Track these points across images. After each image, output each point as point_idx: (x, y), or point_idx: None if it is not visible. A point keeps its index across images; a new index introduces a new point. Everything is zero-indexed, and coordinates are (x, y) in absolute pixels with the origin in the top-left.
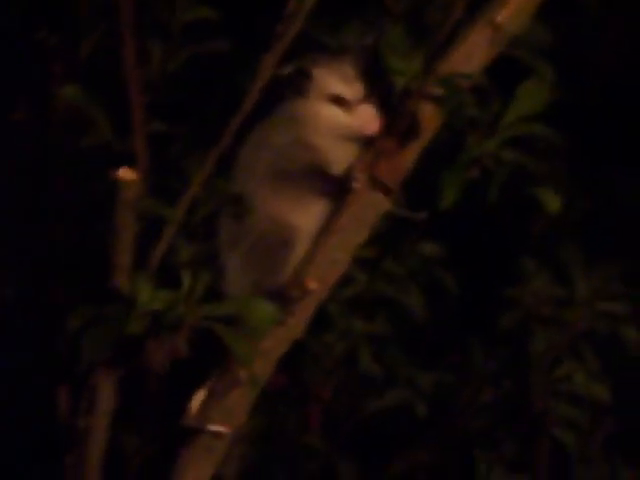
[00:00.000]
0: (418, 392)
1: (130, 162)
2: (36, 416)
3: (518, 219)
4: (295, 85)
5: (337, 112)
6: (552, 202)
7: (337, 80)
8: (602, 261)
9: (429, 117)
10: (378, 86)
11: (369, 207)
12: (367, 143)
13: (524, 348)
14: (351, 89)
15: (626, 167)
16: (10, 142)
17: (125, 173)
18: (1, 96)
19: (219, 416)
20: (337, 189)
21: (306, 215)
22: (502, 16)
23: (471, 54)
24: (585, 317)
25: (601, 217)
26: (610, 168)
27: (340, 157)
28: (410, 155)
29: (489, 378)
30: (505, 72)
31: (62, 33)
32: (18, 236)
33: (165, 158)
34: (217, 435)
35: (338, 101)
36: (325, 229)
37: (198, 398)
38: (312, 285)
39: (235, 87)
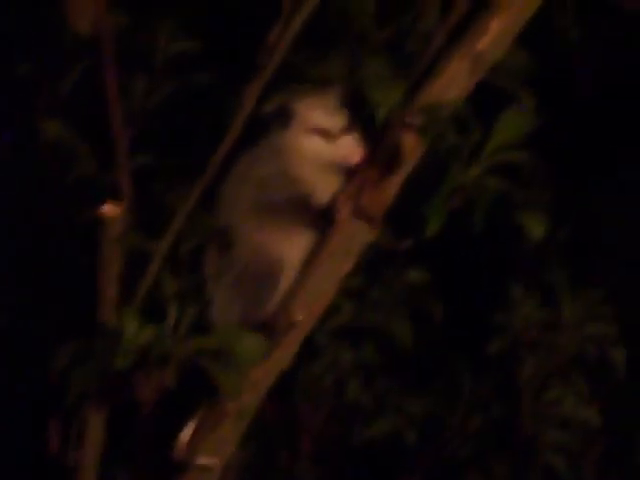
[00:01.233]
0: (407, 420)
1: (115, 196)
2: (26, 451)
3: (504, 245)
4: (278, 119)
5: (320, 143)
6: (536, 228)
7: (319, 112)
8: (588, 284)
9: (411, 147)
10: (360, 117)
11: (354, 237)
12: (350, 174)
13: (513, 373)
14: (333, 120)
15: (610, 191)
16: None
17: (110, 209)
18: None
19: (208, 449)
20: (321, 220)
21: (291, 246)
22: (482, 44)
23: (452, 83)
24: (573, 340)
25: (586, 240)
26: (594, 192)
27: (324, 188)
28: (393, 185)
29: (478, 404)
30: (486, 100)
31: (44, 67)
32: (3, 270)
33: (149, 191)
34: (206, 468)
35: (321, 132)
36: (310, 260)
37: (187, 431)
38: (299, 316)
39: (219, 119)
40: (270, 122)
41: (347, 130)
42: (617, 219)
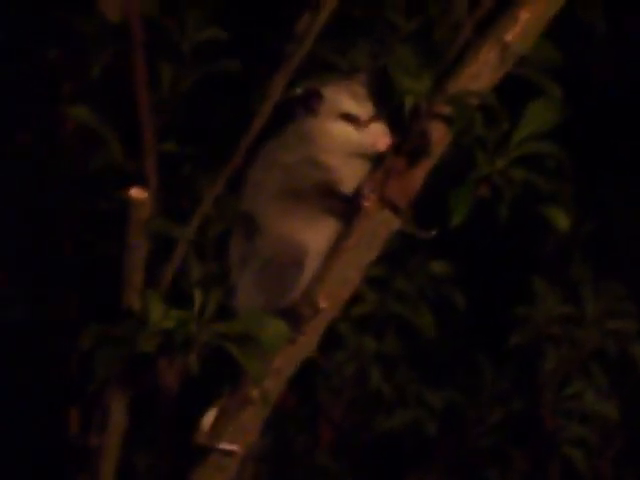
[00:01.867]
0: (428, 411)
1: (141, 182)
2: (48, 436)
3: (528, 237)
4: (306, 104)
5: (348, 129)
6: (561, 220)
7: (348, 98)
8: (611, 280)
9: (439, 136)
10: (388, 106)
11: (379, 226)
12: (377, 162)
13: (534, 367)
14: (362, 107)
15: (635, 186)
16: (21, 163)
17: (136, 193)
18: (11, 116)
19: (230, 434)
20: (347, 208)
21: (316, 234)
22: (511, 35)
23: (480, 73)
24: (594, 336)
25: (610, 236)
26: (620, 186)
27: (350, 176)
28: (420, 174)
29: (499, 397)
30: (514, 91)
31: (72, 53)
32: (30, 255)
33: (176, 178)
34: (228, 453)
35: (349, 119)
36: (336, 248)
37: (209, 416)
38: (323, 303)
39: (246, 107)
40: (298, 108)
41: (375, 118)
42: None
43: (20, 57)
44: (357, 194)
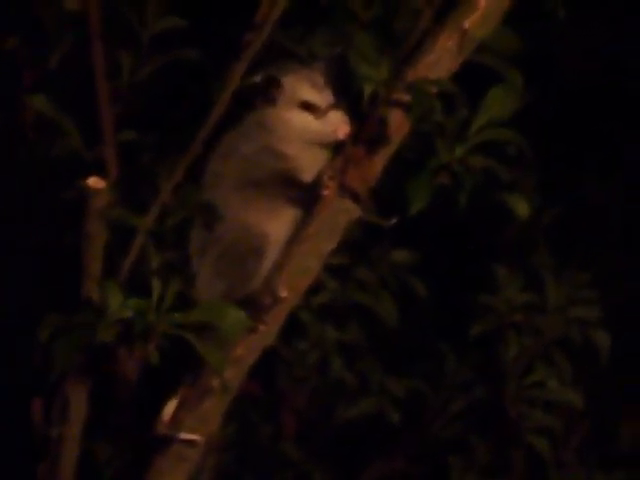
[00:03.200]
0: (391, 399)
1: (100, 171)
2: (11, 428)
3: (489, 226)
4: (264, 93)
5: (307, 118)
6: (521, 208)
7: (307, 87)
8: (573, 267)
9: (398, 123)
10: (347, 94)
11: (339, 214)
12: (337, 150)
13: (497, 355)
14: (321, 95)
15: (596, 173)
16: None
17: (94, 182)
18: None
19: (191, 424)
20: (307, 197)
21: (276, 223)
22: (470, 22)
23: (439, 60)
24: (557, 323)
25: (571, 224)
26: (580, 174)
27: (310, 164)
28: (379, 162)
29: (462, 385)
30: (473, 78)
31: (32, 43)
32: None
33: (135, 167)
34: (190, 443)
35: (308, 108)
36: (296, 237)
37: (170, 406)
38: (283, 293)
39: (205, 96)
40: (256, 96)
41: (334, 106)
42: (603, 202)
43: None
44: (317, 183)
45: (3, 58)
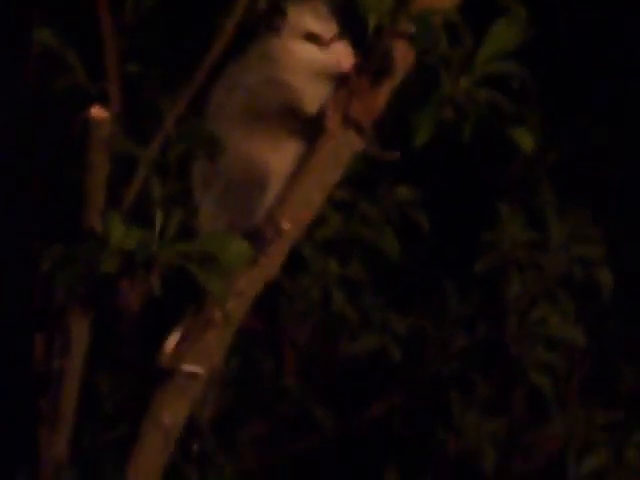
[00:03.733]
0: (393, 336)
1: (103, 101)
2: (11, 361)
3: (493, 163)
4: (269, 22)
5: (311, 49)
6: (526, 142)
7: (311, 17)
8: (577, 205)
9: (402, 55)
10: (351, 25)
11: (343, 146)
12: (340, 82)
13: (499, 292)
14: (325, 26)
15: (600, 112)
16: None
17: (97, 111)
18: None
19: (194, 357)
20: (311, 128)
21: (279, 155)
22: None
23: None
24: (560, 261)
25: (575, 162)
26: (584, 113)
27: (314, 96)
28: (383, 94)
29: (464, 322)
30: (478, 10)
31: None
32: None
33: (138, 99)
34: (192, 375)
35: (312, 38)
36: (299, 169)
37: (172, 339)
38: (286, 225)
39: (209, 26)
40: (260, 26)
41: (338, 37)
42: (607, 141)
43: None
44: (320, 114)
45: None
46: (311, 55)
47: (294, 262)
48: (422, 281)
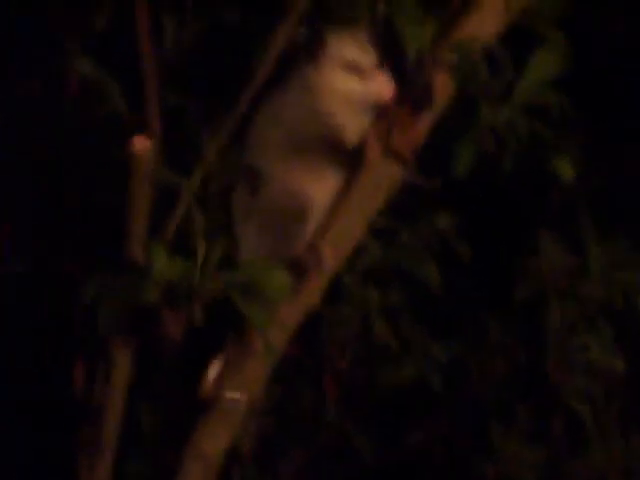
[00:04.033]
0: (433, 364)
1: (145, 132)
2: (52, 390)
3: (533, 190)
4: (309, 52)
5: (352, 79)
6: (566, 171)
7: (351, 47)
8: (616, 232)
9: (443, 85)
10: (391, 55)
11: (383, 177)
12: (381, 112)
13: (539, 320)
14: (365, 57)
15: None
16: (24, 114)
17: (140, 142)
18: (17, 70)
19: (235, 386)
20: (351, 159)
21: (321, 185)
22: None
23: (485, 21)
24: (600, 288)
25: (616, 188)
26: (624, 140)
27: (354, 127)
28: (424, 124)
29: (504, 350)
30: (518, 41)
31: (76, 7)
32: (33, 206)
33: (180, 130)
34: (234, 404)
35: (352, 69)
36: (340, 199)
37: (214, 368)
38: (327, 255)
39: (249, 58)
40: (301, 56)
41: (379, 67)
42: None
43: (24, 9)
44: (361, 145)
45: (47, 22)
46: (351, 86)
47: (334, 291)
48: (462, 309)
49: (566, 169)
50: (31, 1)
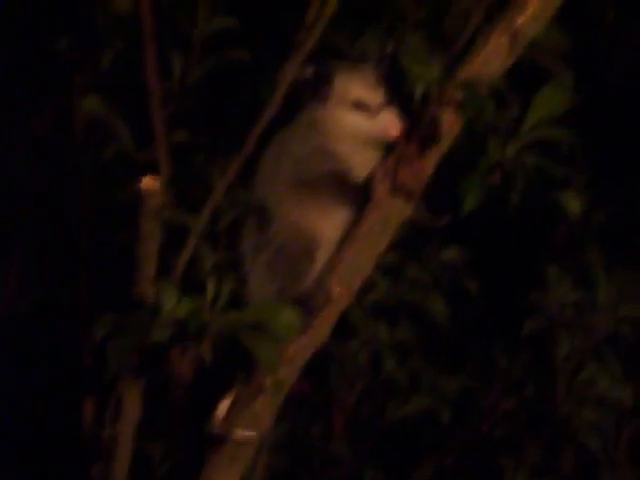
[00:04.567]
0: (442, 398)
1: (153, 172)
2: (62, 427)
3: (540, 224)
4: (316, 90)
5: (359, 118)
6: (573, 205)
7: (358, 85)
8: (624, 265)
9: (450, 123)
10: (398, 93)
11: (391, 213)
12: (388, 150)
13: (548, 353)
14: (372, 94)
15: None
16: (33, 151)
17: (149, 182)
18: (24, 107)
19: (245, 423)
20: (359, 196)
21: (329, 222)
22: (521, 21)
23: (490, 59)
24: (607, 321)
25: (623, 221)
26: (631, 173)
27: (362, 164)
28: (431, 161)
29: (513, 383)
30: (524, 77)
31: (84, 44)
32: (42, 245)
33: (188, 168)
34: (243, 441)
35: (360, 106)
36: (348, 236)
37: (223, 405)
38: (336, 291)
39: (256, 96)
40: (308, 94)
41: (386, 105)
42: None
43: (33, 47)
44: (369, 182)
45: (55, 59)
46: (358, 124)
47: (343, 326)
48: (471, 343)
49: (573, 204)
50: (40, 38)
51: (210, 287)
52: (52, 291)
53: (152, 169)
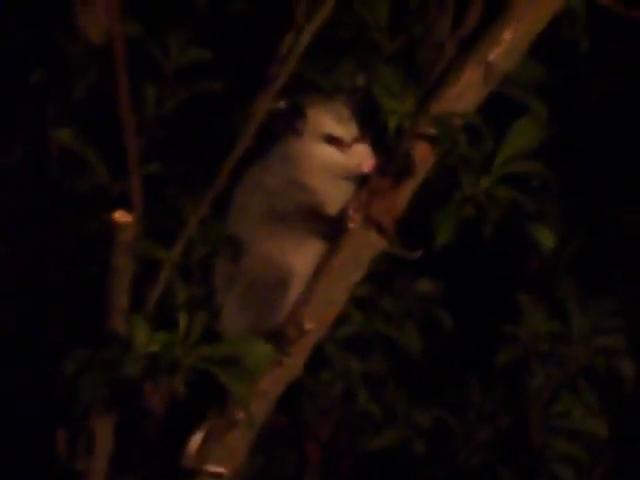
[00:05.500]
0: (416, 429)
1: (126, 204)
2: (34, 460)
3: (513, 256)
4: (289, 124)
5: (332, 152)
6: (546, 239)
7: (331, 120)
8: (598, 296)
9: (423, 156)
10: (371, 126)
11: (364, 246)
12: (361, 183)
13: (522, 384)
14: (345, 129)
15: (619, 201)
16: (5, 183)
17: (121, 215)
18: None
19: (217, 457)
20: (332, 229)
21: (301, 255)
22: (494, 55)
23: (464, 93)
24: (582, 352)
25: (595, 253)
26: (604, 203)
27: (335, 197)
28: (404, 194)
29: (487, 414)
30: (498, 110)
31: (56, 75)
32: (15, 279)
33: (161, 200)
34: (216, 476)
35: (332, 141)
36: (321, 269)
37: (196, 439)
38: (309, 325)
39: (229, 128)
40: (281, 127)
41: (359, 139)
42: (627, 231)
43: (5, 78)
44: (342, 215)
45: (27, 91)
46: (331, 158)
47: (316, 358)
48: (445, 374)
49: (546, 237)
50: (12, 69)
51: (183, 321)
52: (24, 324)
53: (125, 201)
